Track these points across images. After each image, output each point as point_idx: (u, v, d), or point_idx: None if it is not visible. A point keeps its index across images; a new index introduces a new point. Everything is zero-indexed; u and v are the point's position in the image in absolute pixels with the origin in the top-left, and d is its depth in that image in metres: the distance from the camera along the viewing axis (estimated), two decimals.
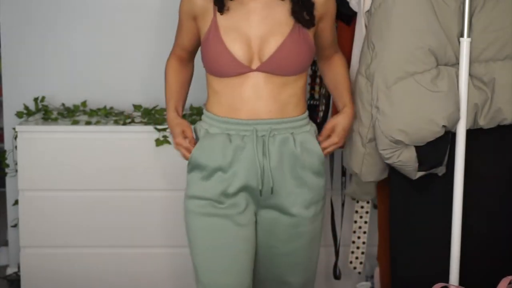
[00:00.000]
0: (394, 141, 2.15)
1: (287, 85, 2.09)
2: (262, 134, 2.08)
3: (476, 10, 2.16)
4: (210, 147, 2.11)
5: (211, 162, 2.10)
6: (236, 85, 2.07)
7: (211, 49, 2.07)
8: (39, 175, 3.05)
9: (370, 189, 2.45)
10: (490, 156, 2.24)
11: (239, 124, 2.09)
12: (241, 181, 2.09)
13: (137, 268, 3.13)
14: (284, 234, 2.15)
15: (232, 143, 2.09)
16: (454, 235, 2.21)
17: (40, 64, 3.36)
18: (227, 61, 2.05)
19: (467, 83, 2.16)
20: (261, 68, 2.06)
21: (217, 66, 2.07)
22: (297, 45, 2.06)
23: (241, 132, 2.09)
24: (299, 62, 2.08)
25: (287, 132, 2.10)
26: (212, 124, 2.13)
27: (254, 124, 2.08)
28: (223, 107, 2.10)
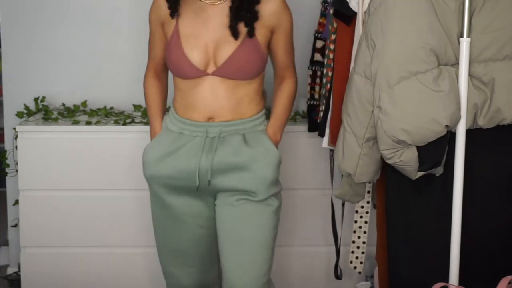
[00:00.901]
0: (396, 141, 2.15)
1: (241, 87, 2.26)
2: (212, 135, 2.26)
3: (475, 11, 2.16)
4: (163, 143, 2.32)
5: (155, 156, 2.32)
6: (194, 85, 2.25)
7: (171, 54, 2.25)
8: (40, 175, 3.05)
9: (362, 190, 2.45)
10: (489, 156, 2.24)
11: (192, 126, 2.27)
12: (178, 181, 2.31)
13: (137, 268, 3.13)
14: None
15: (181, 142, 2.28)
16: (454, 235, 2.21)
17: (41, 64, 3.36)
18: (185, 65, 2.23)
19: (467, 83, 2.16)
20: (216, 73, 2.23)
21: (177, 69, 2.26)
22: (248, 53, 2.21)
23: (193, 133, 2.28)
24: (250, 69, 2.24)
25: (238, 133, 2.27)
26: (172, 121, 2.32)
27: (206, 126, 2.26)
28: (183, 105, 2.29)
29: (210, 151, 2.26)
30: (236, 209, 2.29)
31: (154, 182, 2.36)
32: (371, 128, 2.24)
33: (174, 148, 2.29)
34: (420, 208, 2.30)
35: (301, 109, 3.24)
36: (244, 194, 2.29)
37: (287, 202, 3.14)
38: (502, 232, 2.28)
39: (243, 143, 2.27)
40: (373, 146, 2.28)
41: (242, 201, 2.29)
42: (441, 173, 2.24)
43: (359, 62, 2.23)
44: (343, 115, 2.32)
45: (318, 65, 2.86)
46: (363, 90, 2.22)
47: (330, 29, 2.71)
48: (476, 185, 2.23)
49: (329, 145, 2.74)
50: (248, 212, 2.29)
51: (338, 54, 2.66)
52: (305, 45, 3.08)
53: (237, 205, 2.29)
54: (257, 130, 2.31)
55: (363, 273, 3.10)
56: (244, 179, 2.28)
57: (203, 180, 2.28)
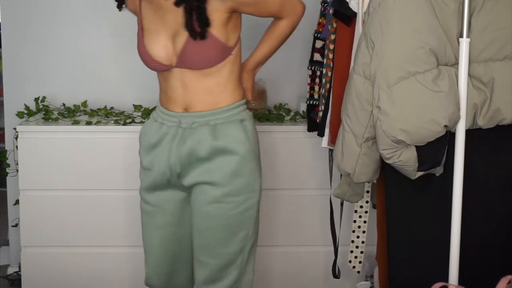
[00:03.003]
0: (395, 141, 2.15)
1: (209, 76, 2.21)
2: (183, 126, 2.24)
3: (475, 11, 2.16)
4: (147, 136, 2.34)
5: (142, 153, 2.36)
6: (166, 77, 2.26)
7: (139, 50, 2.27)
8: (40, 175, 3.05)
9: (361, 190, 2.45)
10: (489, 156, 2.24)
11: (170, 116, 2.27)
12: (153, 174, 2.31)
13: (138, 268, 3.14)
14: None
15: (160, 133, 2.29)
16: (454, 235, 2.22)
17: (41, 64, 3.36)
18: (149, 60, 2.24)
19: (466, 83, 2.16)
20: (179, 65, 2.21)
21: (146, 64, 2.27)
22: (199, 44, 2.16)
23: (169, 123, 2.27)
24: (206, 59, 2.18)
25: (208, 124, 2.22)
26: (157, 112, 2.34)
27: (180, 116, 2.25)
28: (162, 96, 2.31)
29: (180, 142, 2.24)
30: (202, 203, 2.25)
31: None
32: (370, 128, 2.24)
33: (158, 139, 2.29)
34: (419, 208, 2.30)
35: (301, 109, 3.25)
36: (209, 185, 2.23)
37: (287, 202, 3.14)
38: (502, 232, 2.28)
39: (209, 135, 2.21)
40: (372, 146, 2.28)
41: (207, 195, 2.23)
42: (441, 173, 2.24)
43: (359, 62, 2.23)
44: (343, 115, 2.32)
45: (317, 65, 2.86)
46: (363, 90, 2.22)
47: (329, 29, 2.71)
48: (476, 185, 2.23)
49: (329, 145, 2.74)
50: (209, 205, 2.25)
51: (338, 54, 2.67)
52: (304, 45, 3.08)
53: (203, 200, 2.24)
54: (230, 121, 2.22)
55: (363, 273, 3.11)
56: (209, 171, 2.22)
57: (173, 172, 2.26)
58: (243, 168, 2.21)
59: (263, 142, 2.13)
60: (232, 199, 2.21)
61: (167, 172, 2.27)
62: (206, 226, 2.23)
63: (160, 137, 2.28)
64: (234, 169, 2.20)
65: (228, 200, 2.21)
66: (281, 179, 3.04)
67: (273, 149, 3.09)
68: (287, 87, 3.40)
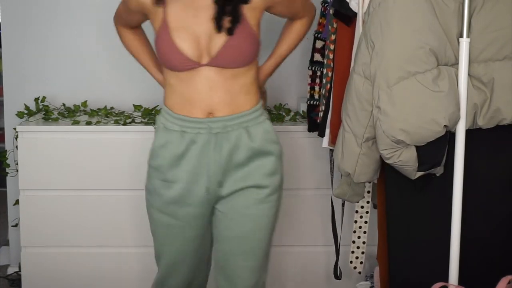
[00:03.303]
0: (395, 141, 2.15)
1: (237, 77, 2.18)
2: (216, 131, 2.17)
3: (475, 11, 2.16)
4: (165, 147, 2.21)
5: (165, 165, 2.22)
6: (189, 78, 2.16)
7: (162, 47, 2.16)
8: (40, 175, 3.05)
9: (361, 190, 2.45)
10: (489, 156, 2.24)
11: (194, 122, 2.18)
12: (184, 187, 2.21)
13: (137, 268, 3.14)
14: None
15: (186, 142, 2.19)
16: (454, 235, 2.22)
17: (41, 64, 3.36)
18: (177, 57, 2.14)
19: (466, 83, 2.16)
20: (211, 63, 2.15)
21: (169, 62, 2.17)
22: (241, 40, 2.14)
23: (195, 130, 2.18)
24: (245, 56, 2.16)
25: (240, 127, 2.19)
26: (169, 120, 2.22)
27: (209, 122, 2.17)
28: (178, 102, 2.20)
29: (217, 149, 2.18)
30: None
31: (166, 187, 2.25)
32: (370, 128, 2.24)
33: (184, 148, 2.19)
34: (420, 208, 2.30)
35: (301, 109, 3.25)
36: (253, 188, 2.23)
37: (287, 202, 3.14)
38: (502, 232, 2.28)
39: (246, 138, 2.19)
40: (372, 146, 2.28)
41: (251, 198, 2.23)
42: (441, 173, 2.24)
43: (359, 62, 2.23)
44: (343, 115, 2.32)
45: (318, 65, 2.86)
46: (363, 90, 2.22)
47: (330, 29, 2.71)
48: (476, 185, 2.23)
49: (329, 145, 2.74)
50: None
51: (338, 54, 2.67)
52: (305, 45, 3.08)
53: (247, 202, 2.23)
54: (259, 122, 2.23)
55: (363, 273, 3.11)
56: (249, 175, 2.21)
57: (214, 181, 2.20)
58: (278, 167, 2.25)
59: None
60: (271, 198, 2.24)
61: (205, 182, 2.20)
62: (251, 229, 2.23)
63: (186, 147, 2.19)
64: (272, 169, 2.23)
65: (269, 200, 2.24)
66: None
67: None
68: (287, 87, 3.40)
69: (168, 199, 2.23)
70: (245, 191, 2.21)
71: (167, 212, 2.25)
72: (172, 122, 2.21)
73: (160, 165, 2.23)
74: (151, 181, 2.28)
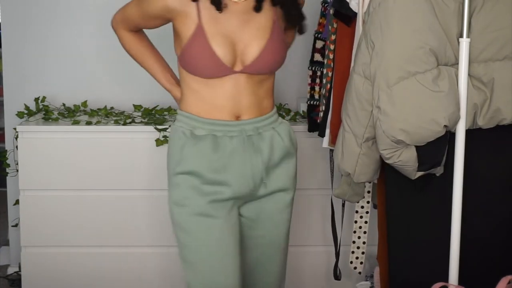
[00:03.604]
0: (395, 141, 2.15)
1: (263, 82, 2.16)
2: (249, 133, 2.14)
3: (475, 11, 2.16)
4: (200, 151, 2.11)
5: (204, 168, 2.11)
6: (216, 85, 2.11)
7: (197, 53, 2.07)
8: (40, 175, 3.05)
9: (361, 190, 2.45)
10: (489, 156, 2.24)
11: (225, 126, 2.12)
12: (233, 188, 2.13)
13: (137, 267, 3.14)
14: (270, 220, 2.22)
15: (221, 145, 2.11)
16: (454, 235, 2.21)
17: (41, 64, 3.36)
18: (213, 64, 2.07)
19: (466, 83, 2.16)
20: (244, 70, 2.11)
21: (202, 68, 2.09)
22: (276, 46, 2.13)
23: (228, 133, 2.12)
24: (278, 62, 2.16)
25: (270, 128, 2.17)
26: (197, 124, 2.13)
27: (240, 124, 2.12)
28: (204, 107, 2.13)
29: (256, 150, 2.13)
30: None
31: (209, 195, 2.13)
32: (370, 128, 2.24)
33: (221, 152, 2.11)
34: (420, 208, 2.30)
35: (301, 109, 3.25)
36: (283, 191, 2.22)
37: None
38: (502, 232, 2.28)
39: (279, 138, 2.17)
40: (372, 146, 2.28)
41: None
42: (441, 173, 2.24)
43: (359, 62, 2.23)
44: (343, 115, 2.32)
45: (318, 65, 2.86)
46: (363, 90, 2.22)
47: (330, 29, 2.71)
48: (476, 185, 2.23)
49: (329, 145, 2.74)
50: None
51: (338, 54, 2.67)
52: (305, 45, 3.08)
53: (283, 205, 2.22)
54: (280, 123, 2.21)
55: (363, 273, 3.11)
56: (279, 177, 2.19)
57: (259, 182, 2.15)
58: (296, 169, 2.25)
59: None
60: (293, 201, 2.25)
61: (250, 183, 2.14)
62: (278, 234, 2.23)
63: (223, 149, 2.12)
64: (294, 171, 2.23)
65: (292, 203, 2.25)
66: None
67: None
68: (287, 87, 3.40)
69: (203, 202, 2.12)
70: (274, 196, 2.19)
71: (206, 212, 2.12)
72: (201, 127, 2.12)
73: (195, 170, 2.11)
74: (182, 188, 2.13)
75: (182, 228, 2.14)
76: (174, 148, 2.15)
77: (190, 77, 2.13)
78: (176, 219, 2.15)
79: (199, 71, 2.09)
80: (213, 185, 2.11)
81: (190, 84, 2.13)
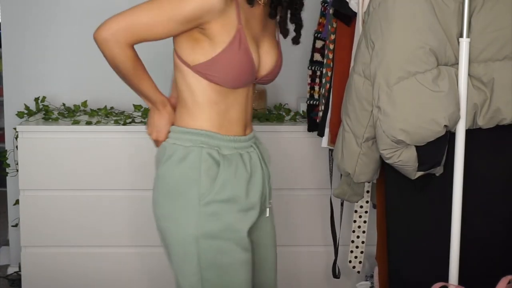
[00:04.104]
0: (395, 141, 2.15)
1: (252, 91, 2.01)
2: (257, 146, 2.01)
3: (475, 11, 2.16)
4: (235, 173, 1.90)
5: (241, 192, 1.90)
6: (234, 95, 1.90)
7: (236, 60, 1.83)
8: (40, 175, 3.05)
9: (361, 190, 2.45)
10: (489, 156, 2.24)
11: (243, 141, 1.94)
12: (257, 211, 1.97)
13: (137, 268, 3.14)
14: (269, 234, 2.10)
15: (246, 164, 1.93)
16: (454, 235, 2.21)
17: (41, 64, 3.36)
18: (249, 72, 1.87)
19: (466, 83, 2.16)
20: (263, 78, 1.96)
21: (237, 76, 1.86)
22: (280, 53, 2.01)
23: (246, 149, 1.95)
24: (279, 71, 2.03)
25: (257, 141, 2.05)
26: (222, 143, 1.90)
27: (251, 138, 1.98)
28: (224, 121, 1.91)
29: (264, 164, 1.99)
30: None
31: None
32: (370, 127, 2.24)
33: (250, 171, 1.92)
34: (419, 207, 2.30)
35: (301, 109, 3.25)
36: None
37: (287, 202, 3.14)
38: (502, 232, 2.28)
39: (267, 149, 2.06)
40: (372, 146, 2.28)
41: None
42: (441, 173, 2.24)
43: (359, 61, 2.23)
44: (343, 115, 2.32)
45: (317, 65, 2.86)
46: (362, 89, 2.22)
47: (329, 29, 2.71)
48: (476, 185, 2.23)
49: (329, 145, 2.74)
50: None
51: (338, 54, 2.67)
52: (304, 45, 3.08)
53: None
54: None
55: (363, 273, 3.11)
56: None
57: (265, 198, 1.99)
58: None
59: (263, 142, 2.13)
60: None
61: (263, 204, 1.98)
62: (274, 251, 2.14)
63: (250, 168, 1.93)
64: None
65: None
66: (281, 179, 3.04)
67: (273, 149, 3.09)
68: (287, 87, 3.40)
69: (246, 228, 1.91)
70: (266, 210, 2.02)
71: (244, 244, 1.91)
72: (226, 146, 1.90)
73: (234, 195, 1.88)
74: (221, 219, 1.87)
75: (212, 265, 1.88)
76: (195, 172, 1.86)
77: (211, 88, 1.87)
78: (204, 255, 1.87)
79: (231, 81, 1.86)
80: (247, 211, 1.92)
81: (210, 96, 1.88)
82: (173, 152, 1.89)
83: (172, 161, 1.88)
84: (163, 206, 1.90)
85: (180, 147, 1.89)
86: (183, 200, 1.87)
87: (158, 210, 1.92)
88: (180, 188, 1.87)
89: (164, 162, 1.90)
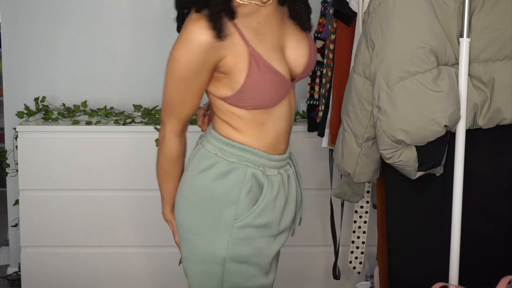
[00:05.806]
0: (395, 141, 2.15)
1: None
2: (292, 164, 1.93)
3: (475, 11, 2.16)
4: (276, 198, 1.81)
5: (277, 218, 1.83)
6: (282, 105, 1.81)
7: (262, 82, 1.73)
8: (40, 175, 3.06)
9: (361, 190, 2.45)
10: (489, 156, 2.24)
11: (284, 160, 1.84)
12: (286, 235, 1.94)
13: (137, 267, 3.14)
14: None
15: (286, 188, 1.86)
16: (454, 235, 2.21)
17: (41, 64, 3.36)
18: (281, 84, 1.76)
19: (466, 83, 2.16)
20: (302, 75, 1.87)
21: (272, 94, 1.76)
22: (311, 42, 1.90)
23: (286, 170, 1.87)
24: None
25: (291, 154, 1.99)
26: (267, 164, 1.79)
27: (289, 153, 1.91)
28: (271, 140, 1.81)
29: (297, 181, 1.93)
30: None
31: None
32: (370, 128, 2.24)
33: (287, 193, 1.86)
34: (420, 207, 2.30)
35: (301, 109, 3.25)
36: None
37: None
38: (502, 232, 2.28)
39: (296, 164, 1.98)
40: (372, 146, 2.28)
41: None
42: (441, 173, 2.24)
43: (359, 61, 2.23)
44: (343, 115, 2.32)
45: (317, 65, 2.86)
46: (363, 90, 2.22)
47: (329, 29, 2.71)
48: (476, 185, 2.23)
49: (329, 145, 2.74)
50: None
51: (338, 54, 2.67)
52: None
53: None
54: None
55: (363, 273, 3.11)
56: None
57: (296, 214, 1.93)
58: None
59: None
60: None
61: (292, 220, 1.93)
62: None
63: (285, 190, 1.85)
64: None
65: None
66: None
67: None
68: None
69: (274, 253, 1.86)
70: (293, 230, 2.01)
71: (267, 269, 1.88)
72: (270, 167, 1.79)
73: (270, 222, 1.80)
74: (254, 243, 1.80)
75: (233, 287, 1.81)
76: (236, 192, 1.76)
77: (252, 113, 1.78)
78: (228, 277, 1.80)
79: (267, 101, 1.76)
80: (279, 235, 1.85)
81: (254, 117, 1.78)
82: (213, 164, 1.77)
83: (211, 174, 1.77)
84: (193, 218, 1.79)
85: (223, 160, 1.77)
86: (217, 218, 1.76)
87: (185, 220, 1.81)
88: (216, 205, 1.76)
89: (201, 172, 1.78)
